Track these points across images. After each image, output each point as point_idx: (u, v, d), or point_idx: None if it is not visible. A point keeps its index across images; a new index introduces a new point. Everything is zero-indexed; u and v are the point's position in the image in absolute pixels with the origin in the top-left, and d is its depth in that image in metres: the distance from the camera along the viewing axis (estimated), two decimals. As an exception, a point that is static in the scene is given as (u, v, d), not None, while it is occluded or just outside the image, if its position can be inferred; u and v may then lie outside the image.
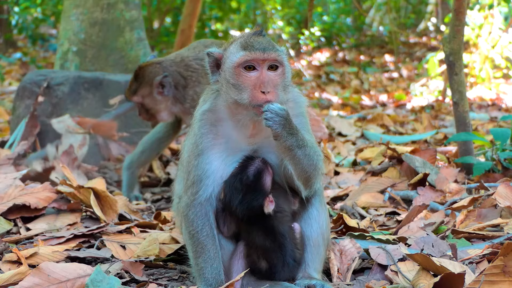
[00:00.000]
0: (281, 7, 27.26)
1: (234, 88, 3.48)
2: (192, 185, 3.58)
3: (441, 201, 5.33)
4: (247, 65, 3.48)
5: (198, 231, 3.56)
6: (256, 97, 3.45)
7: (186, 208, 3.59)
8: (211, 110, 3.61)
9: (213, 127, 3.58)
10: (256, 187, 3.52)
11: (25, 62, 20.15)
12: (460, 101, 6.04)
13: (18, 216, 5.02)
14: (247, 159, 3.55)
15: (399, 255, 3.90)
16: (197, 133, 3.59)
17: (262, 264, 3.63)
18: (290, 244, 3.63)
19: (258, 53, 3.47)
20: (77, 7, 9.28)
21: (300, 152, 3.49)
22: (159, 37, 21.95)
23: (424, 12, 27.73)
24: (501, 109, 13.56)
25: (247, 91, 3.46)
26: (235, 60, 3.49)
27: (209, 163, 3.55)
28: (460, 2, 5.99)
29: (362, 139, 9.84)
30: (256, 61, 3.48)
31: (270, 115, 3.39)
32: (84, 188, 5.18)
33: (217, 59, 3.60)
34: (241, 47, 3.50)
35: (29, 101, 7.78)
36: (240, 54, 3.49)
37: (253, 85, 3.46)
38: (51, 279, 3.62)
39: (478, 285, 3.18)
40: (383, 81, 19.13)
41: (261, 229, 3.58)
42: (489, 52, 15.02)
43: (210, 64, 3.62)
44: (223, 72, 3.56)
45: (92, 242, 4.61)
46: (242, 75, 3.48)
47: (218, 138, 3.58)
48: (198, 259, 3.56)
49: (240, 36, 3.62)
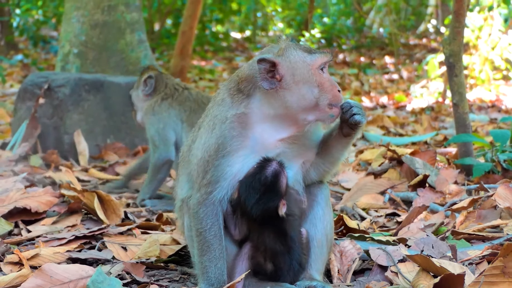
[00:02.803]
0: (281, 9, 27.31)
1: (315, 89, 3.50)
2: (208, 184, 3.56)
3: (441, 202, 5.34)
4: (321, 67, 3.55)
5: (206, 230, 3.56)
6: (337, 96, 3.53)
7: (197, 206, 3.58)
8: (245, 114, 3.57)
9: (244, 131, 3.55)
10: (274, 188, 3.52)
11: (27, 64, 20.17)
12: (460, 102, 6.05)
13: (19, 219, 5.03)
14: (264, 160, 3.55)
15: (399, 256, 3.90)
16: (227, 135, 3.54)
17: (268, 266, 3.63)
18: (299, 248, 3.64)
19: (328, 55, 3.58)
20: (78, 9, 9.30)
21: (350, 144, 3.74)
22: (160, 39, 21.97)
23: (424, 14, 27.75)
24: (501, 111, 13.57)
25: (327, 91, 3.51)
26: (312, 61, 3.53)
27: (231, 165, 3.54)
28: (460, 4, 6.00)
29: (362, 140, 9.84)
30: (327, 63, 3.59)
31: (357, 109, 3.52)
32: (88, 192, 5.19)
33: (273, 65, 3.52)
34: (306, 51, 3.56)
35: (30, 103, 7.80)
36: (315, 56, 3.55)
37: (332, 85, 3.54)
38: (54, 280, 3.62)
39: (478, 286, 3.18)
40: (383, 83, 19.13)
41: (272, 231, 3.58)
42: (489, 54, 15.03)
43: (264, 71, 3.51)
44: (291, 77, 3.51)
45: (93, 243, 4.61)
46: (321, 76, 3.54)
47: (246, 141, 3.55)
48: (202, 258, 3.56)
49: (286, 45, 3.60)
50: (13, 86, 16.25)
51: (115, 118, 8.04)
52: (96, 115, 7.93)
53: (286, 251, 3.60)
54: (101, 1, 9.27)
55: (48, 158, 7.49)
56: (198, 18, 17.54)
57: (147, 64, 7.92)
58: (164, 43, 22.03)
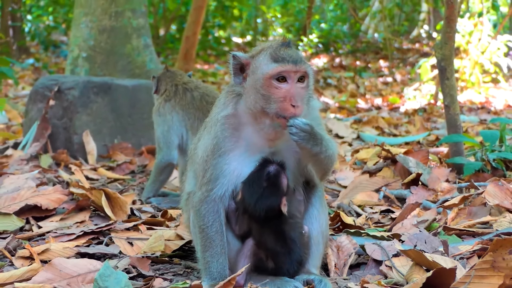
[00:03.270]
0: (281, 15, 27.29)
1: (263, 98, 3.43)
2: (208, 182, 3.55)
3: (433, 199, 5.33)
4: (278, 77, 3.43)
5: (208, 226, 3.55)
6: (285, 109, 3.40)
7: (199, 204, 3.58)
8: (233, 115, 3.56)
9: (235, 131, 3.54)
10: (275, 185, 3.50)
11: (38, 67, 20.17)
12: (451, 104, 6.04)
13: (30, 216, 5.03)
14: (265, 161, 3.53)
15: (393, 251, 3.89)
16: (220, 135, 3.54)
17: (269, 264, 3.61)
18: (299, 249, 3.62)
19: (291, 65, 3.42)
20: (86, 15, 9.29)
21: (323, 156, 3.51)
22: (165, 44, 21.98)
23: (417, 20, 27.76)
24: (490, 112, 13.56)
25: (276, 102, 3.42)
26: (267, 71, 3.43)
27: (228, 163, 3.53)
28: (452, 10, 5.99)
29: (358, 140, 9.82)
30: (288, 73, 3.43)
31: (295, 130, 3.37)
32: (96, 189, 5.19)
33: (242, 64, 3.55)
34: (272, 58, 3.45)
35: (41, 104, 7.79)
36: (273, 65, 3.43)
37: (283, 97, 3.42)
38: (63, 274, 3.62)
39: (469, 279, 3.18)
40: (378, 86, 19.12)
41: (273, 232, 3.56)
42: (479, 58, 15.03)
43: (235, 67, 3.55)
44: (251, 80, 3.49)
45: (101, 239, 4.61)
46: (273, 86, 3.43)
47: (239, 141, 3.54)
48: (205, 253, 3.55)
49: (268, 46, 3.54)
50: (24, 88, 16.24)
51: (122, 119, 8.03)
52: (104, 116, 7.92)
53: (286, 252, 3.58)
54: (109, 8, 9.26)
55: (58, 157, 7.49)
56: (201, 24, 17.55)
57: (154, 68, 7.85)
58: (168, 47, 22.03)
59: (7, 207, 4.97)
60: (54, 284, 3.50)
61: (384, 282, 3.54)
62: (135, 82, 8.22)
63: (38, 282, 3.52)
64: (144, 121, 7.96)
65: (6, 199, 5.07)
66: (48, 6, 23.41)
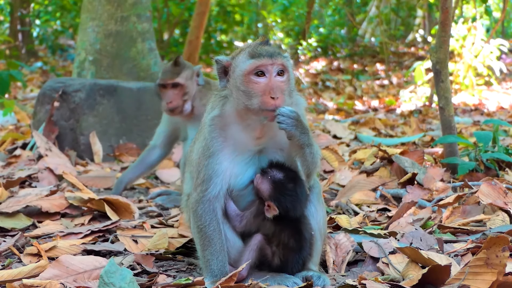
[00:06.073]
0: (281, 20, 27.28)
1: (244, 94, 3.44)
2: (202, 183, 3.55)
3: (428, 198, 5.32)
4: (257, 72, 3.44)
5: (205, 226, 3.54)
6: (266, 102, 3.41)
7: (195, 204, 3.58)
8: (220, 116, 3.57)
9: (222, 131, 3.55)
10: (300, 184, 3.57)
11: (45, 70, 20.19)
12: (445, 106, 6.03)
13: (35, 219, 5.00)
14: (265, 172, 3.57)
15: (390, 248, 3.89)
16: (208, 137, 3.55)
17: (275, 260, 3.59)
18: (308, 249, 3.62)
19: (266, 59, 3.42)
20: (93, 20, 9.29)
21: (307, 150, 3.49)
22: (169, 48, 21.97)
23: (413, 24, 27.75)
24: (483, 114, 13.55)
25: (257, 96, 3.42)
26: (244, 67, 3.45)
27: (219, 163, 3.53)
28: (446, 15, 5.98)
29: (355, 141, 9.81)
30: (265, 66, 3.43)
31: (282, 118, 3.37)
32: (95, 200, 5.13)
33: (225, 67, 3.57)
34: (249, 55, 3.46)
35: (49, 106, 7.79)
36: (249, 61, 3.44)
37: (262, 91, 3.42)
38: (70, 271, 3.62)
39: (463, 276, 3.17)
40: (375, 88, 19.11)
41: (290, 228, 3.57)
42: (472, 61, 15.03)
43: (218, 71, 3.59)
44: (232, 79, 3.52)
45: (106, 236, 4.60)
46: (252, 82, 3.44)
47: (227, 141, 3.55)
48: (205, 252, 3.54)
49: (247, 45, 3.57)
50: (33, 91, 16.26)
51: (127, 120, 8.02)
52: (109, 117, 7.92)
53: (297, 249, 3.57)
54: (115, 13, 9.25)
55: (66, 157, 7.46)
56: (204, 28, 17.55)
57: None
58: (172, 51, 22.02)
59: (9, 207, 4.96)
60: (61, 280, 3.50)
61: (381, 278, 3.53)
62: (140, 85, 8.22)
63: (46, 278, 3.52)
64: (149, 122, 7.96)
65: (10, 201, 5.08)
66: (56, 11, 23.41)
